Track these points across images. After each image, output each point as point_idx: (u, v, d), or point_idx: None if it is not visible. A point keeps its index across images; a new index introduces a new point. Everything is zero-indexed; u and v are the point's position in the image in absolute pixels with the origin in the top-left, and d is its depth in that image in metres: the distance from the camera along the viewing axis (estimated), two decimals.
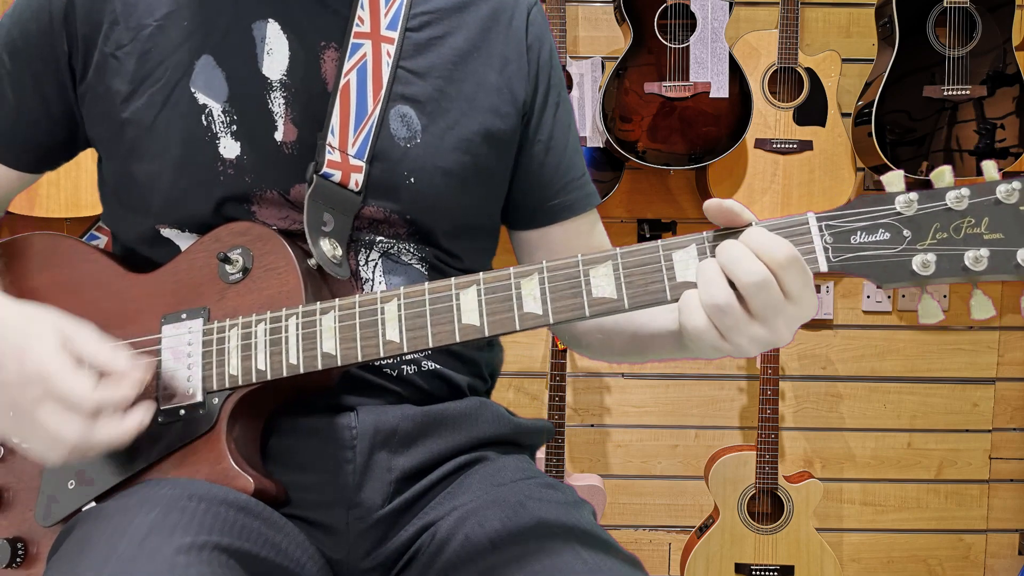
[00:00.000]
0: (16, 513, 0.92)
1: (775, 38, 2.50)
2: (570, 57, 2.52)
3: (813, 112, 2.51)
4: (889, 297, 2.73)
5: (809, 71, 2.51)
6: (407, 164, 0.96)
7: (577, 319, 0.78)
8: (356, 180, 0.94)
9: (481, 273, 0.82)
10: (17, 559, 0.90)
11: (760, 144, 2.51)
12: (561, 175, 1.07)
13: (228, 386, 0.87)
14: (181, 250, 0.95)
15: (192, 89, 0.93)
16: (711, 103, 2.42)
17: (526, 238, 1.10)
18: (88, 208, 2.36)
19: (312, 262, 0.90)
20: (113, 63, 0.94)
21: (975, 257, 0.72)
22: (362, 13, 0.96)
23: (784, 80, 2.52)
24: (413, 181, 0.96)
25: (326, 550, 0.90)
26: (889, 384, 2.75)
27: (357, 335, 0.83)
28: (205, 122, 0.93)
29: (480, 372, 1.05)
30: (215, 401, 0.87)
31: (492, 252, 1.10)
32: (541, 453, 2.44)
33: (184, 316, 0.90)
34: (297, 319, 0.86)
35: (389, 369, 0.95)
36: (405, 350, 0.82)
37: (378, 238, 0.97)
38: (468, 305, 0.81)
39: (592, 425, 2.77)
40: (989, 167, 0.73)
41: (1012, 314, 2.73)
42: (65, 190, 2.36)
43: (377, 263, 0.97)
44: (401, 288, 0.83)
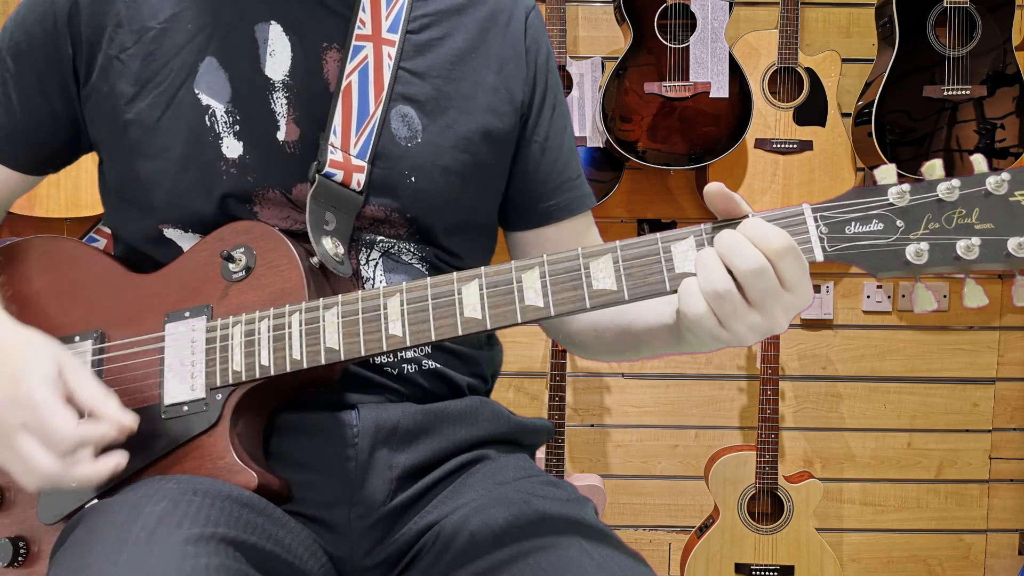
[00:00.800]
0: (18, 512, 0.93)
1: (775, 38, 2.51)
2: (570, 57, 2.52)
3: (813, 112, 2.51)
4: (889, 297, 2.73)
5: (809, 71, 2.51)
6: (408, 163, 0.97)
7: (578, 311, 0.79)
8: (358, 180, 0.95)
9: (483, 267, 0.82)
10: (19, 558, 0.91)
11: (760, 144, 2.51)
12: (557, 176, 1.08)
13: (232, 382, 0.87)
14: (183, 251, 0.95)
15: (196, 90, 0.93)
16: (711, 103, 2.42)
17: (521, 238, 1.11)
18: (88, 208, 2.36)
19: (315, 260, 0.91)
20: (117, 65, 0.94)
21: (967, 246, 0.73)
22: (363, 15, 0.97)
23: (784, 80, 2.52)
24: (414, 180, 0.97)
25: (329, 547, 0.90)
26: (889, 384, 2.75)
27: (360, 330, 0.84)
28: (208, 122, 0.93)
29: (480, 371, 1.06)
30: (218, 397, 0.87)
31: (491, 251, 1.10)
32: (541, 453, 2.44)
33: (187, 314, 0.91)
34: (300, 315, 0.86)
35: (390, 368, 0.96)
36: (408, 344, 0.82)
37: (379, 237, 0.98)
38: (470, 299, 0.81)
39: (592, 425, 2.77)
40: (978, 160, 0.74)
41: (1012, 314, 2.73)
42: (65, 190, 2.36)
43: (378, 262, 0.98)
44: (403, 283, 0.84)
